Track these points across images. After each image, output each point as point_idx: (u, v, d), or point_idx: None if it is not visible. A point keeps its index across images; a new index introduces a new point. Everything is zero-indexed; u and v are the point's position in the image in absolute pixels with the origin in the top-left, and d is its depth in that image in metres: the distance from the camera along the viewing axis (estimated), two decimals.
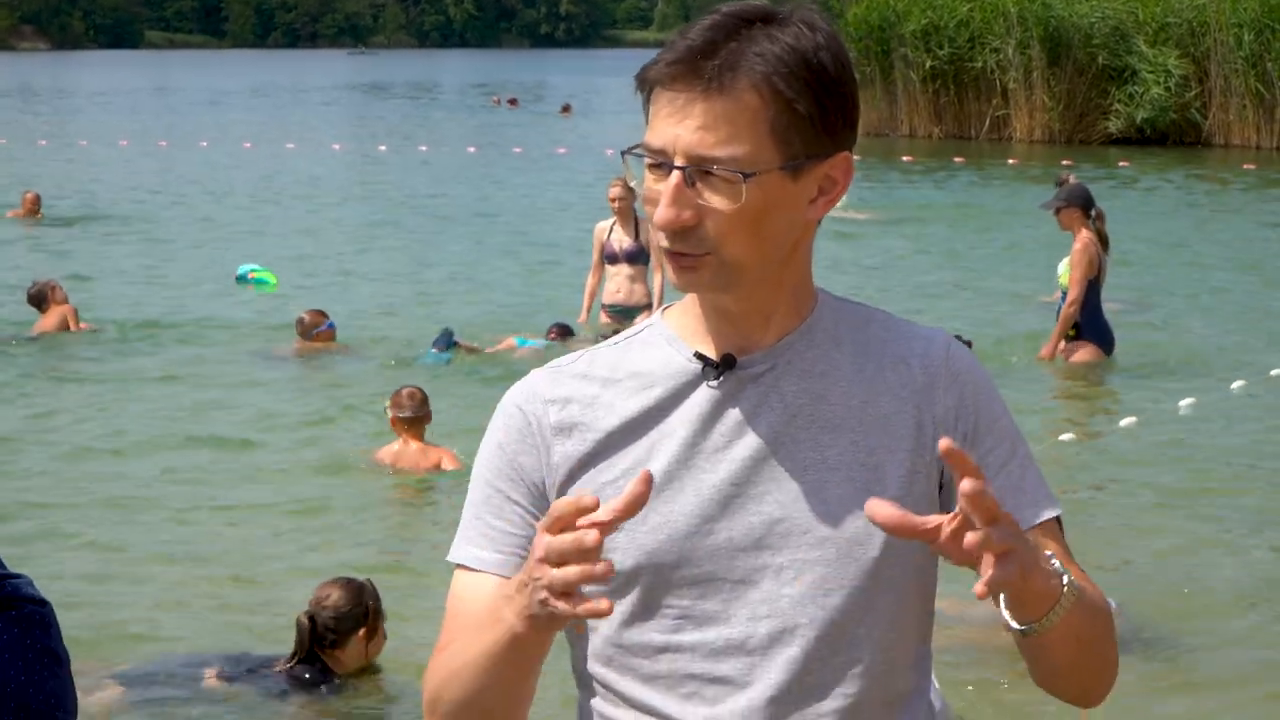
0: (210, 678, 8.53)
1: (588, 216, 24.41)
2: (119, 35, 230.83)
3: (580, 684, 3.12)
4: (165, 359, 18.08)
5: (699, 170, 2.78)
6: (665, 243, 2.85)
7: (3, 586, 2.63)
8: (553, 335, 19.04)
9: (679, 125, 2.79)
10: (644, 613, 2.94)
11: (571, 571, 2.47)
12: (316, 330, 14.28)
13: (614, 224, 18.77)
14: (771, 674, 2.94)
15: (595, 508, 2.47)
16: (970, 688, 8.32)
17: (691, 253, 2.83)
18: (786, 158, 2.83)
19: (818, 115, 2.84)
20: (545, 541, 2.50)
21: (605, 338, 4.10)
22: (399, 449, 13.20)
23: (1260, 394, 16.17)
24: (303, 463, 13.92)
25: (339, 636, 8.37)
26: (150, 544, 11.64)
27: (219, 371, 17.47)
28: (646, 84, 2.87)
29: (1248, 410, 15.56)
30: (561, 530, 2.49)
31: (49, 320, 19.27)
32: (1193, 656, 9.38)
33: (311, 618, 8.39)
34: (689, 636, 2.95)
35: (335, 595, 8.48)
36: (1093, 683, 2.99)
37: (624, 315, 18.60)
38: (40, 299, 19.54)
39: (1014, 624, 2.72)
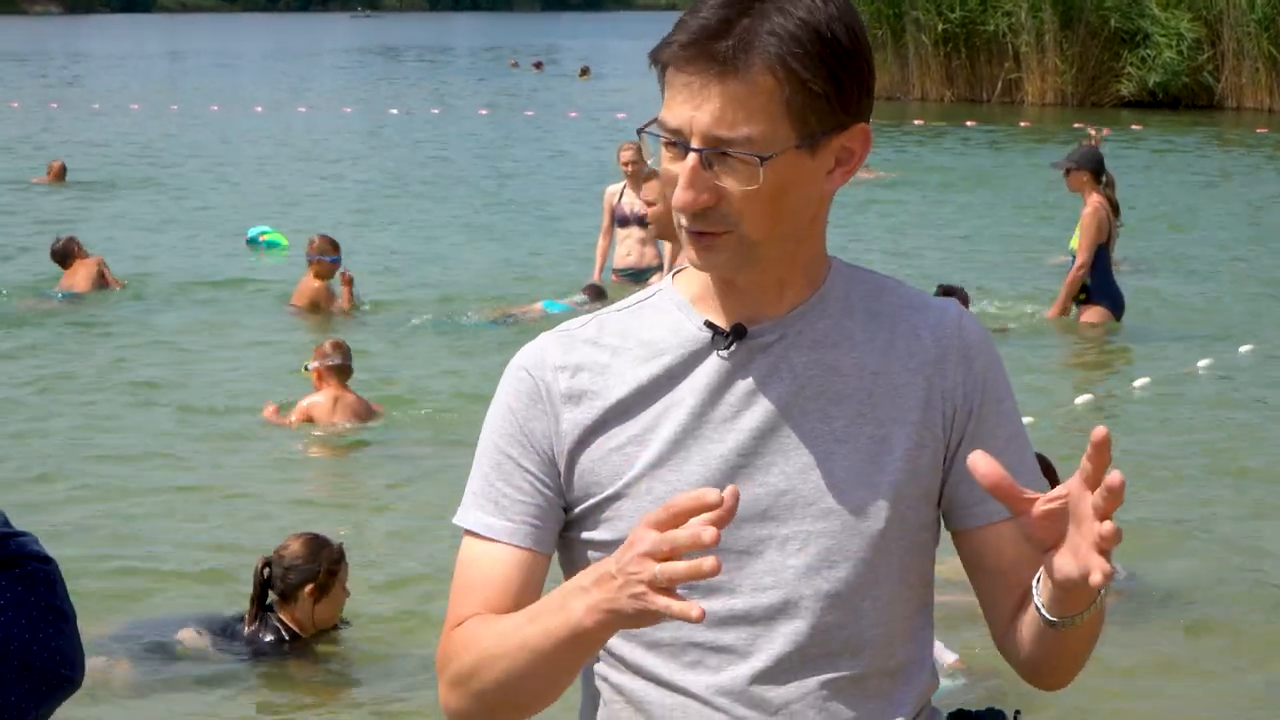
0: (184, 638, 8.54)
1: (597, 180, 24.40)
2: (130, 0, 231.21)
3: (623, 636, 3.04)
4: (179, 318, 18.22)
5: (716, 152, 2.76)
6: (685, 222, 2.84)
7: (6, 545, 2.65)
8: (586, 294, 18.80)
9: (695, 108, 2.77)
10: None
11: (680, 568, 2.46)
12: (320, 258, 13.99)
13: (624, 187, 18.76)
14: (774, 644, 2.95)
15: (719, 504, 2.42)
16: (977, 650, 8.33)
17: (712, 231, 2.82)
18: (803, 136, 2.81)
19: (833, 92, 2.82)
20: (656, 536, 2.48)
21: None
22: (333, 398, 13.23)
23: (1275, 354, 16.19)
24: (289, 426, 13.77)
25: (287, 588, 8.39)
26: (139, 505, 11.73)
27: (226, 331, 17.61)
28: (660, 64, 2.84)
29: (1262, 372, 15.58)
30: (673, 525, 2.47)
31: (78, 276, 19.45)
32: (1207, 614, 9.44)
33: (268, 564, 8.43)
34: (706, 606, 2.76)
35: (294, 547, 8.52)
36: (1073, 672, 3.02)
37: (634, 278, 18.76)
38: (65, 255, 19.75)
39: (1049, 616, 2.75)
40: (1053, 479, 2.92)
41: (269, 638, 8.45)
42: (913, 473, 2.95)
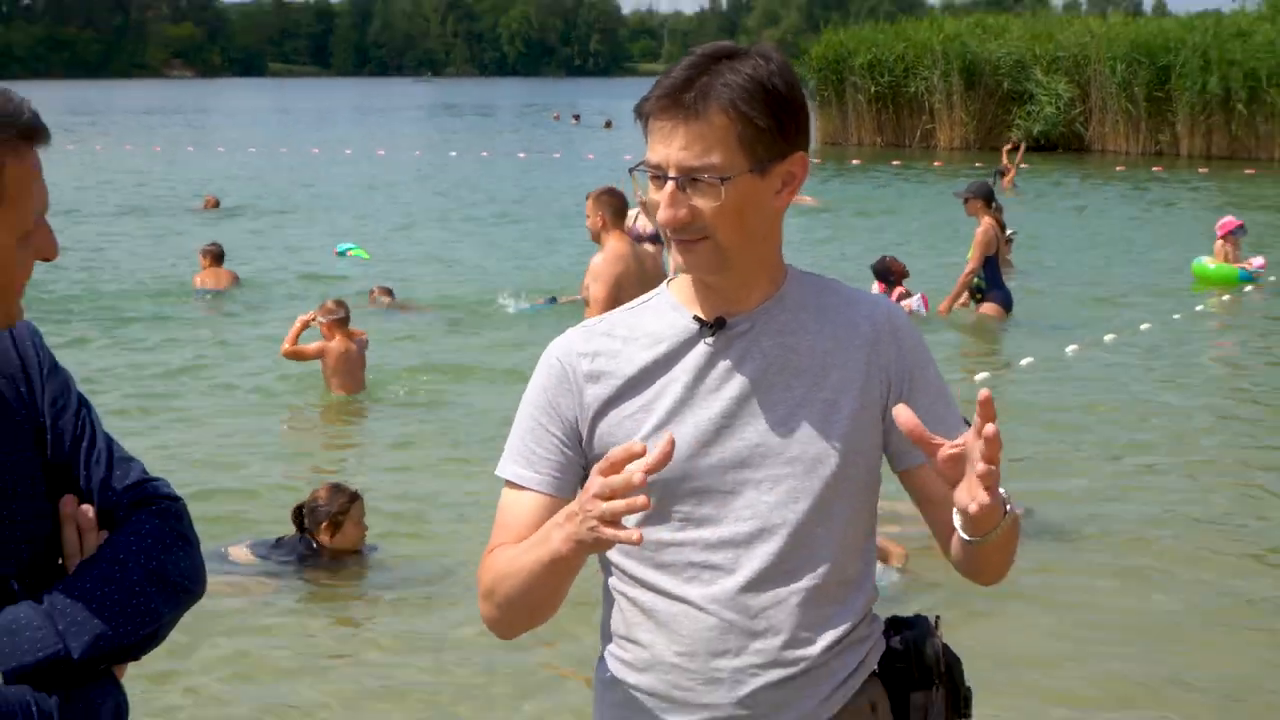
0: (235, 553, 8.89)
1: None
2: (248, 65, 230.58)
3: (605, 569, 3.17)
4: (280, 311, 17.97)
5: (687, 178, 2.88)
6: (670, 234, 2.93)
7: (144, 488, 2.67)
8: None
9: (669, 146, 2.90)
10: (656, 516, 2.96)
11: (619, 504, 2.58)
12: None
13: (639, 213, 18.89)
14: (753, 562, 3.01)
15: (644, 454, 2.58)
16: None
17: (691, 239, 2.91)
18: (754, 162, 2.91)
19: (775, 127, 2.92)
20: (600, 480, 2.61)
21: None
22: (341, 341, 13.45)
23: (1130, 341, 16.19)
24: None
25: (312, 524, 8.76)
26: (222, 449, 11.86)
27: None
28: (643, 115, 2.98)
29: (1118, 354, 15.61)
30: (613, 472, 2.59)
31: (220, 278, 19.52)
32: (1085, 539, 9.43)
33: (300, 507, 8.86)
34: (690, 534, 3.03)
35: (320, 494, 8.91)
36: (999, 574, 3.08)
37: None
38: (219, 256, 19.90)
39: (965, 537, 2.85)
40: None
41: (300, 556, 8.79)
42: (857, 428, 3.03)
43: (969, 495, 2.72)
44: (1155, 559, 9.22)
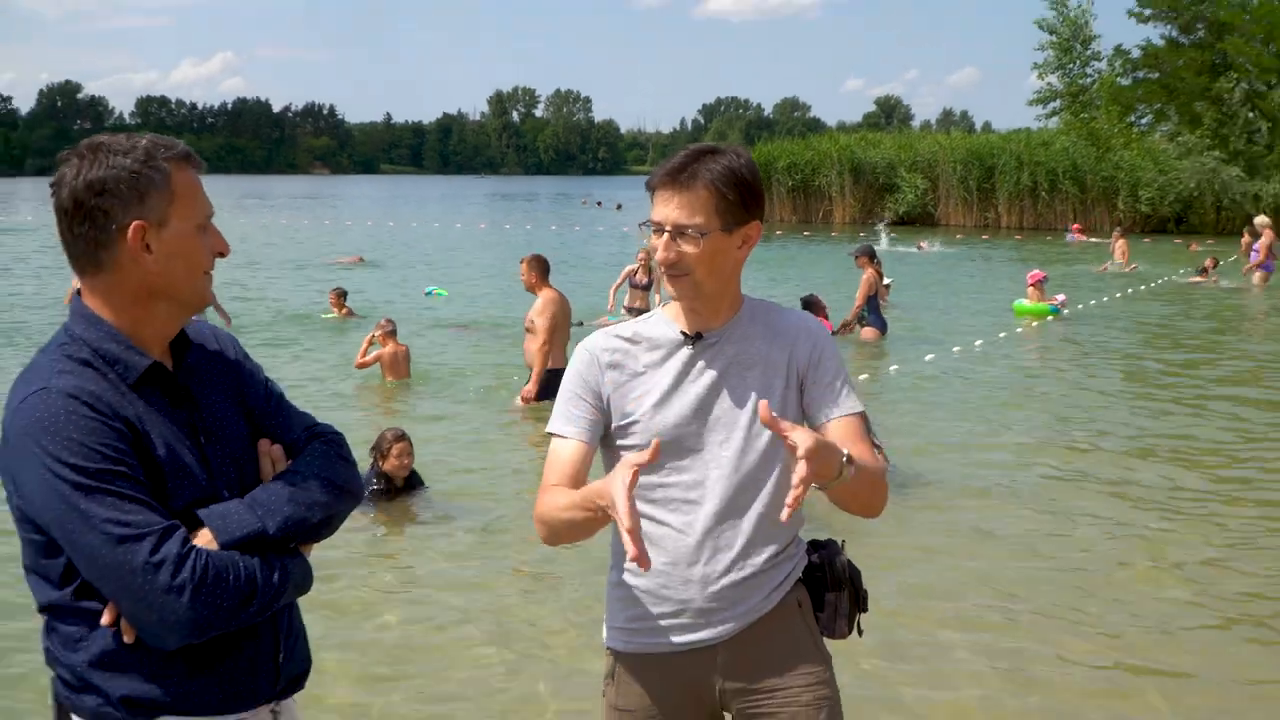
0: None
1: (604, 262, 24.41)
2: (366, 166, 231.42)
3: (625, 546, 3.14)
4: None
5: (678, 232, 2.95)
6: (664, 270, 3.01)
7: (315, 428, 2.73)
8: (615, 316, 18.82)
9: (667, 208, 2.97)
10: (651, 469, 2.92)
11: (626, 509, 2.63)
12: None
13: (638, 268, 19.32)
14: (717, 497, 3.05)
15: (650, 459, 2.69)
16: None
17: (677, 274, 2.99)
18: (724, 224, 2.98)
19: (740, 201, 2.98)
20: (623, 493, 2.64)
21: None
22: (392, 349, 13.79)
23: (969, 352, 16.16)
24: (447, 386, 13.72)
25: (375, 453, 8.71)
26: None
27: (421, 337, 17.08)
28: (650, 187, 3.03)
29: (961, 361, 15.54)
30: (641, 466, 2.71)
31: (342, 310, 19.20)
32: (941, 490, 9.29)
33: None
34: (672, 479, 3.07)
35: (385, 433, 8.91)
36: (866, 510, 3.07)
37: (635, 313, 18.62)
38: (342, 295, 19.52)
39: (816, 485, 2.82)
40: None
41: (370, 479, 8.56)
42: (785, 402, 3.08)
43: (794, 472, 2.72)
44: (993, 500, 9.10)
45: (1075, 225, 42.95)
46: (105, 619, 2.39)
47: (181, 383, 2.54)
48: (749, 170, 3.00)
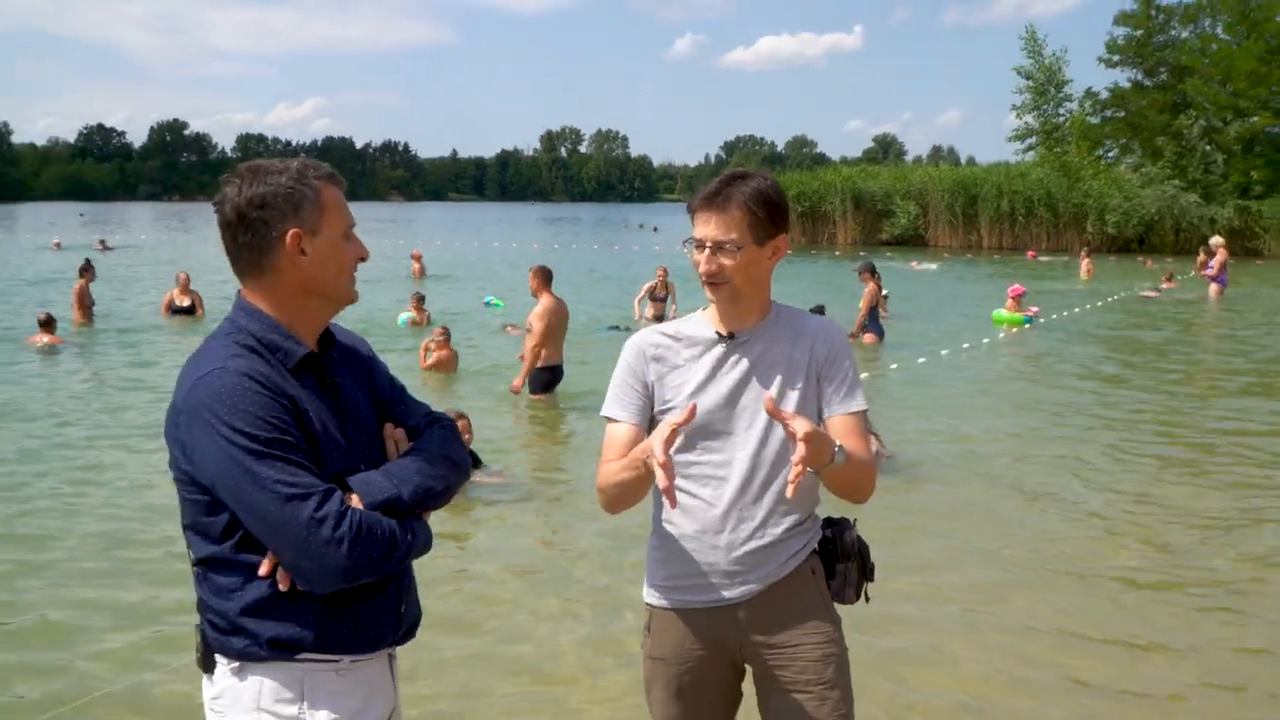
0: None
1: (636, 276, 24.45)
2: (436, 194, 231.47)
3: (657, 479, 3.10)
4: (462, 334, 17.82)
5: (717, 246, 2.97)
6: (705, 279, 3.01)
7: (432, 415, 2.76)
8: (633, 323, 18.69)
9: (706, 227, 2.98)
10: (687, 448, 3.01)
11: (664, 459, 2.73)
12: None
13: (656, 283, 19.40)
14: (741, 475, 3.04)
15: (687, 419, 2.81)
16: None
17: (717, 283, 3.00)
18: (756, 239, 2.98)
19: (768, 218, 2.99)
20: (661, 441, 2.75)
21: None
22: (448, 352, 14.10)
23: (956, 353, 16.04)
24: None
25: None
26: None
27: (477, 338, 17.25)
28: (691, 209, 3.03)
29: (950, 361, 15.44)
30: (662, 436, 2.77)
31: (420, 315, 19.22)
32: (934, 468, 9.27)
33: None
34: (705, 458, 3.06)
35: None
36: (853, 496, 3.05)
37: (655, 320, 18.74)
38: (421, 300, 19.70)
39: (811, 468, 2.86)
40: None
41: None
42: (804, 396, 3.05)
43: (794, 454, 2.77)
44: (973, 480, 9.08)
45: (1030, 251, 43.85)
46: (263, 570, 2.43)
47: (328, 371, 2.61)
48: (775, 191, 3.01)
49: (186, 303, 19.98)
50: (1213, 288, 25.72)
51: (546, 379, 12.10)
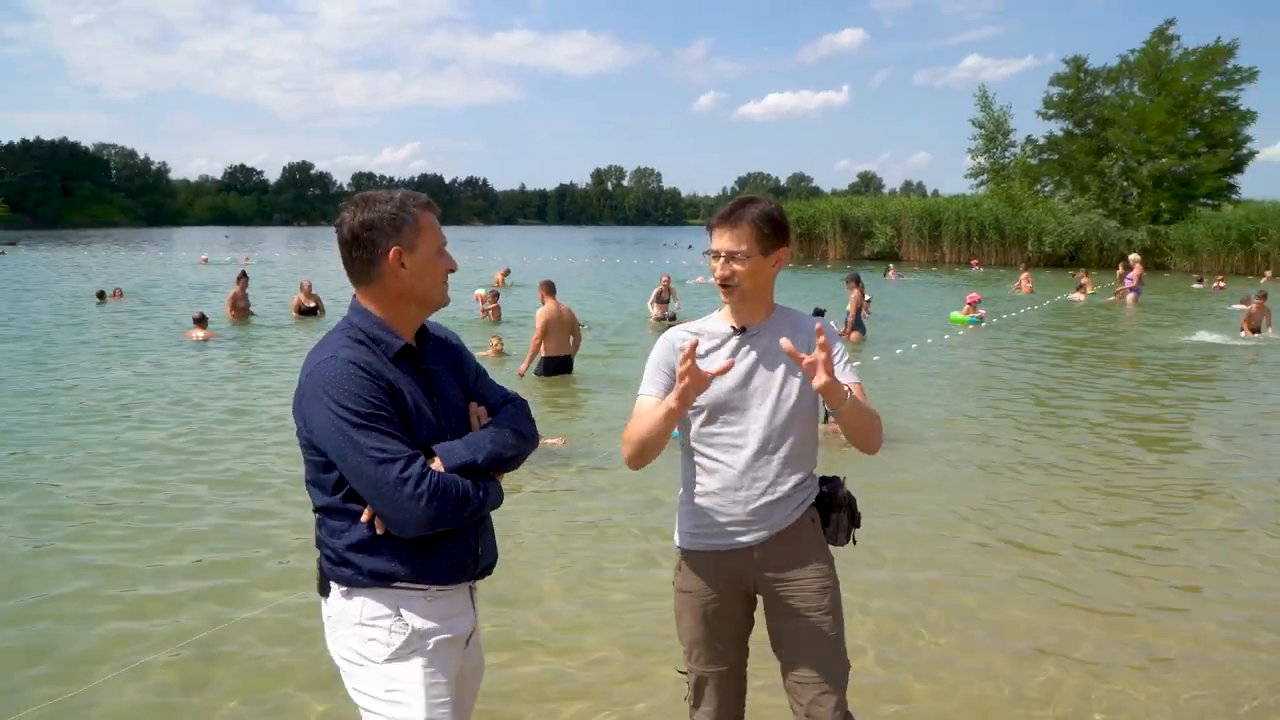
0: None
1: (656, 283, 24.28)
2: (508, 219, 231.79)
3: (684, 449, 3.07)
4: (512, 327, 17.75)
5: (730, 256, 2.92)
6: (719, 284, 2.95)
7: (507, 395, 2.75)
8: (660, 315, 18.48)
9: (721, 241, 2.93)
10: (709, 420, 2.98)
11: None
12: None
13: (661, 288, 19.45)
14: (755, 443, 2.99)
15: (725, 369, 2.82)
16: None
17: (731, 286, 2.95)
18: (762, 251, 2.93)
19: (772, 234, 2.94)
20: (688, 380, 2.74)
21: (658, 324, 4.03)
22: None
23: (924, 348, 15.76)
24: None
25: None
26: None
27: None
28: (710, 226, 2.98)
29: (919, 354, 15.14)
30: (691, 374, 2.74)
31: (493, 313, 19.12)
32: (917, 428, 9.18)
33: None
34: (725, 429, 3.01)
35: None
36: (866, 443, 2.95)
37: (659, 320, 19.04)
38: (496, 295, 19.74)
39: (827, 410, 2.83)
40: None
41: None
42: (807, 381, 2.93)
43: (813, 379, 2.76)
44: (935, 447, 8.91)
45: (974, 260, 43.34)
46: (364, 517, 2.49)
47: (421, 358, 2.62)
48: (778, 212, 2.98)
49: (311, 304, 20.08)
50: (1130, 295, 25.59)
51: (551, 367, 12.42)
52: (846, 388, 2.82)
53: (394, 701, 2.47)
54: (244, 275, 20.64)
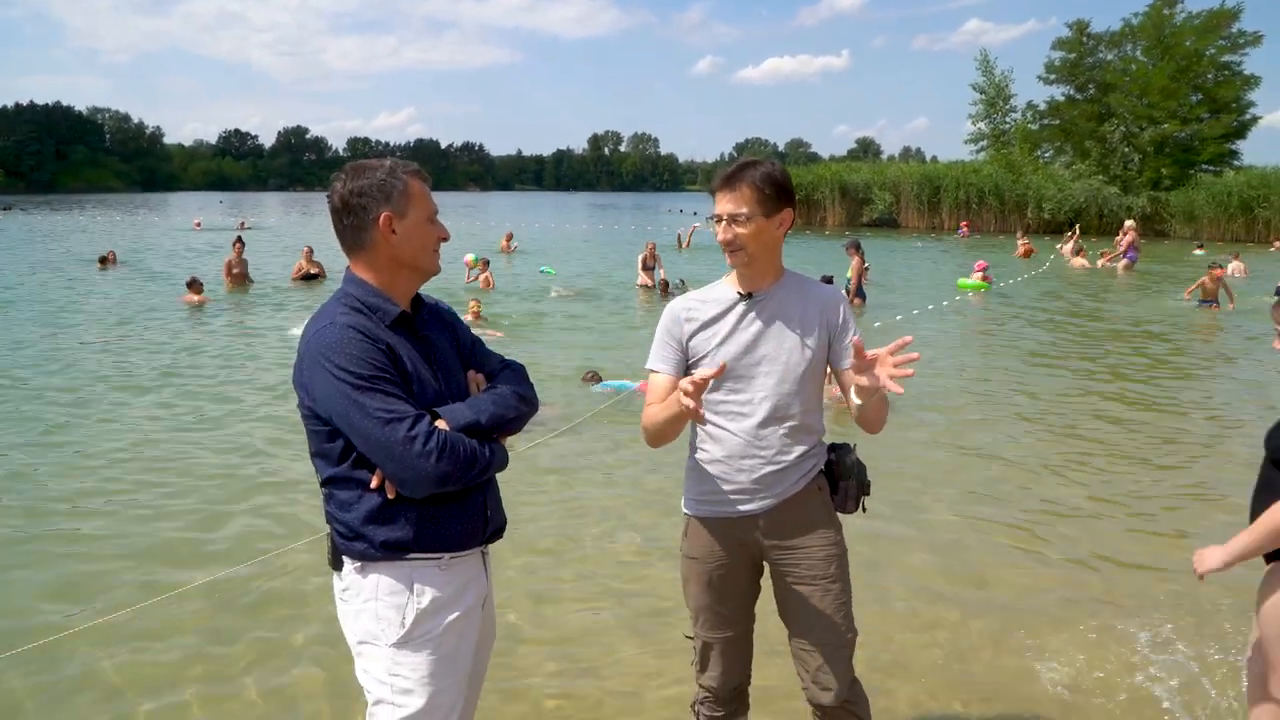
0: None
1: (659, 246, 24.08)
2: (504, 185, 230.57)
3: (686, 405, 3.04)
4: (514, 300, 17.68)
5: (732, 219, 2.85)
6: (724, 246, 2.87)
7: (505, 361, 2.76)
8: (661, 288, 18.38)
9: (723, 204, 2.86)
10: (718, 389, 2.92)
11: (689, 389, 2.60)
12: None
13: (646, 254, 19.42)
14: (761, 411, 2.95)
15: (714, 373, 2.64)
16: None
17: (733, 249, 2.88)
18: (765, 213, 2.86)
19: (775, 195, 2.86)
20: (687, 382, 2.61)
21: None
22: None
23: (930, 313, 15.79)
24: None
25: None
26: None
27: (529, 304, 17.10)
28: (712, 190, 2.90)
29: (926, 318, 15.13)
30: (693, 384, 2.60)
31: (487, 279, 18.94)
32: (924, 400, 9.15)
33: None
34: (732, 397, 2.96)
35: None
36: (876, 424, 2.91)
37: (645, 287, 18.84)
38: (487, 263, 19.38)
39: (857, 400, 2.77)
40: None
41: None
42: (816, 349, 2.95)
43: (874, 381, 2.66)
44: (951, 414, 8.99)
45: (964, 224, 43.33)
46: (374, 483, 2.47)
47: (419, 327, 2.62)
48: (781, 174, 2.90)
49: (314, 270, 20.03)
50: (1123, 261, 25.63)
51: None
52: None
53: (399, 689, 2.48)
54: (240, 241, 20.51)
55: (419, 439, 2.36)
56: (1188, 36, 43.64)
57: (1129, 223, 27.26)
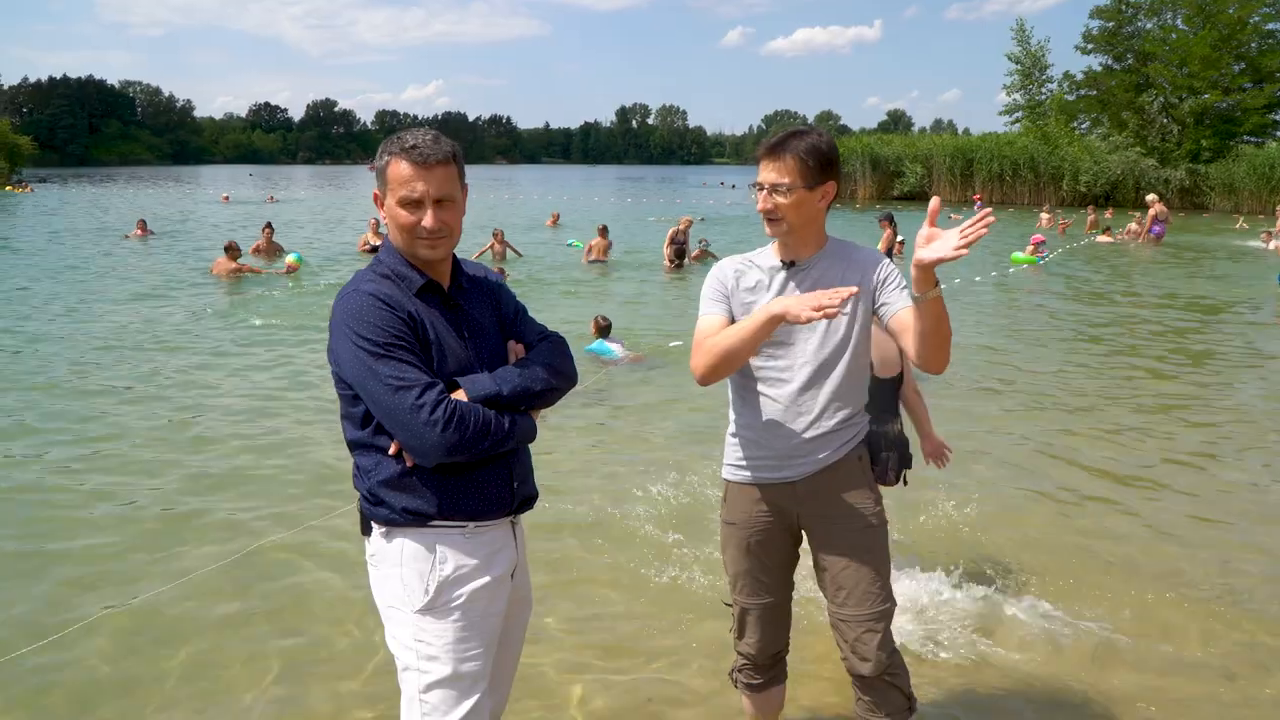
0: None
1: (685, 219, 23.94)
2: (531, 158, 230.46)
3: (731, 382, 3.05)
4: (531, 271, 17.68)
5: (774, 189, 2.83)
6: (765, 217, 2.86)
7: (544, 331, 2.71)
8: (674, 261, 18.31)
9: (767, 172, 2.83)
10: (759, 355, 2.90)
11: (827, 303, 2.57)
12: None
13: (678, 229, 19.04)
14: (801, 378, 2.94)
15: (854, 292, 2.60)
16: None
17: (775, 219, 2.86)
18: (808, 184, 2.83)
19: (819, 167, 2.83)
20: (817, 298, 2.58)
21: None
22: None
23: (981, 283, 15.61)
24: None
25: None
26: None
27: (559, 275, 17.10)
28: (756, 158, 2.88)
29: (978, 287, 14.89)
30: (821, 303, 2.57)
31: (498, 249, 18.93)
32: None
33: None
34: (772, 363, 2.95)
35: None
36: (940, 355, 2.75)
37: (673, 261, 18.56)
38: (502, 235, 19.40)
39: (915, 294, 2.65)
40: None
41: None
42: (861, 312, 2.92)
43: (947, 246, 2.56)
44: (1001, 381, 8.96)
45: (976, 195, 43.06)
46: (392, 450, 2.48)
47: (451, 295, 2.61)
48: (827, 145, 2.85)
49: (379, 242, 20.14)
50: (1149, 236, 25.51)
51: None
52: (936, 281, 2.65)
53: (425, 655, 2.49)
54: (269, 226, 20.37)
55: (426, 407, 2.36)
56: (1231, 4, 42.71)
57: (1151, 196, 27.17)
